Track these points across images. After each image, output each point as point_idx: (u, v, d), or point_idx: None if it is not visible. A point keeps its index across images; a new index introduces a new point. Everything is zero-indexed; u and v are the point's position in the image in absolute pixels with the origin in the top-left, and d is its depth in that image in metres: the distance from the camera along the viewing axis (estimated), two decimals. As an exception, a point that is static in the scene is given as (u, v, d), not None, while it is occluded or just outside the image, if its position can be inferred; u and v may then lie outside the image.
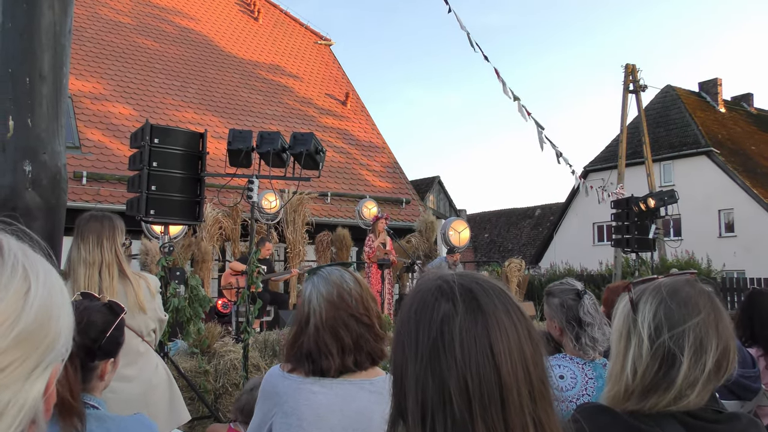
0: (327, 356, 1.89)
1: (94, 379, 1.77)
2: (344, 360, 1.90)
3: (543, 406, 0.92)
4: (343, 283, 1.97)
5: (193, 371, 5.96)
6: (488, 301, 0.94)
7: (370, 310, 1.97)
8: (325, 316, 1.91)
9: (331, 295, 1.94)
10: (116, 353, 1.83)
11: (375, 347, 1.96)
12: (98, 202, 12.02)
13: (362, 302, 1.96)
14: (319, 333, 1.90)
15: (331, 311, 1.92)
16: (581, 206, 27.78)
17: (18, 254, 0.66)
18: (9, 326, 0.62)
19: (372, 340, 1.95)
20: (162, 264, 5.58)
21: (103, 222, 2.83)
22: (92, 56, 15.32)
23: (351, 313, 1.93)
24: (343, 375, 1.92)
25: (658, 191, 11.25)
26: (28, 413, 0.64)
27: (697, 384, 1.28)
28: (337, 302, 1.93)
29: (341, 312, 1.92)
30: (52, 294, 0.68)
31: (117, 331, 1.79)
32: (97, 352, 1.74)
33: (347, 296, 1.95)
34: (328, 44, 22.14)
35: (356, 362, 1.92)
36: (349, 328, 1.91)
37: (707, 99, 28.80)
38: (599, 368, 2.47)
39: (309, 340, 1.92)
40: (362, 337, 1.93)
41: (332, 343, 1.89)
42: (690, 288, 1.36)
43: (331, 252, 13.30)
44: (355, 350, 1.91)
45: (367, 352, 1.94)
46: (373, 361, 1.97)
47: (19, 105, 3.04)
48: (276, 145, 5.70)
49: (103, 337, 1.74)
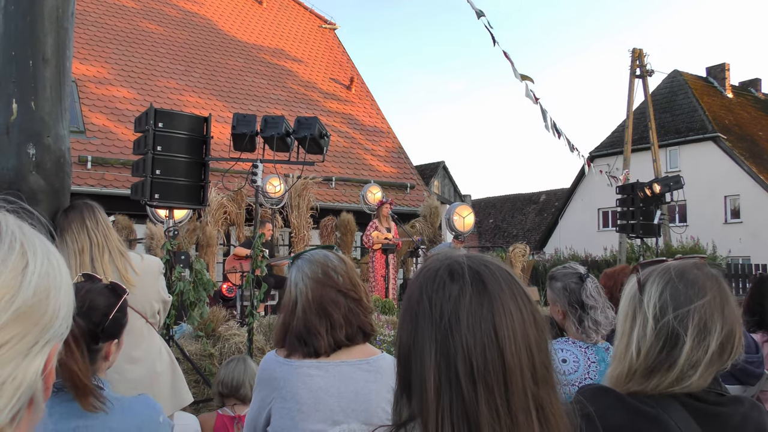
0: (317, 335, 1.91)
1: (98, 360, 1.78)
2: (335, 335, 1.92)
3: (546, 389, 0.93)
4: (327, 262, 1.99)
5: (198, 354, 6.00)
6: (495, 285, 0.95)
7: (356, 285, 1.99)
8: (312, 295, 1.93)
9: (316, 274, 1.96)
10: (120, 334, 1.84)
11: (365, 321, 1.98)
12: (103, 186, 12.04)
13: (349, 278, 1.98)
14: (307, 313, 1.92)
15: (318, 290, 1.94)
16: (586, 192, 27.71)
17: (16, 231, 0.66)
18: (7, 302, 0.62)
19: (361, 314, 1.97)
20: (167, 248, 5.59)
21: (80, 208, 2.77)
22: (96, 40, 15.27)
23: (338, 289, 1.95)
24: (338, 352, 1.93)
25: (664, 177, 11.19)
26: (26, 391, 0.64)
27: (700, 365, 1.28)
28: (324, 280, 1.95)
29: (328, 289, 1.94)
30: (51, 271, 0.68)
31: (119, 312, 1.79)
32: (101, 335, 1.75)
33: (333, 273, 1.96)
34: (333, 28, 22.01)
35: (348, 336, 1.94)
36: (338, 303, 1.93)
37: (714, 84, 28.56)
38: (602, 352, 2.48)
39: (298, 323, 1.93)
40: (351, 311, 1.95)
41: (320, 322, 1.91)
42: (698, 270, 1.36)
43: (335, 237, 13.31)
44: (345, 325, 1.93)
45: (358, 326, 1.96)
46: (365, 335, 1.99)
47: (23, 88, 3.03)
48: (280, 130, 5.69)
49: (106, 320, 1.75)
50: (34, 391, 0.66)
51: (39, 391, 0.67)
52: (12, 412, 0.63)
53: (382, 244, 9.30)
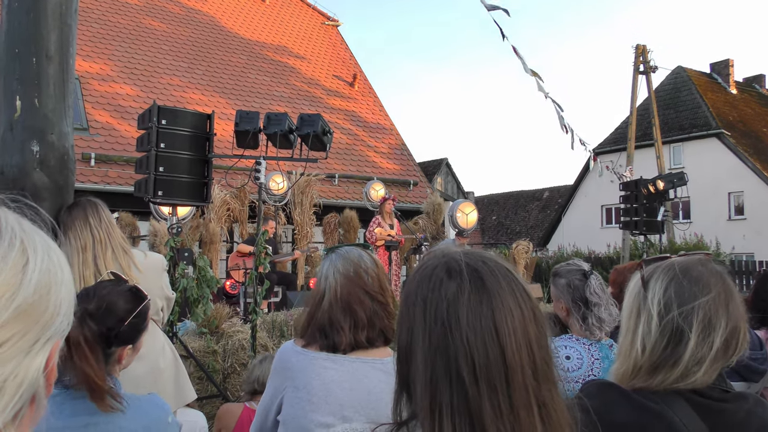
0: (339, 331, 1.92)
1: (111, 363, 1.76)
2: (357, 335, 1.93)
3: (547, 385, 0.93)
4: (360, 262, 2.01)
5: (202, 351, 6.01)
6: (494, 282, 0.94)
7: (385, 289, 2.01)
8: (341, 291, 1.95)
9: (348, 271, 1.98)
10: (136, 340, 1.81)
11: (387, 325, 1.99)
12: (106, 183, 12.06)
13: (378, 281, 2.00)
14: (333, 308, 1.94)
15: (347, 287, 1.95)
16: (590, 188, 27.66)
17: (15, 228, 0.66)
18: (8, 299, 0.61)
19: (385, 317, 1.98)
20: (170, 245, 5.60)
21: (83, 205, 2.78)
22: (99, 37, 15.28)
23: (366, 290, 1.96)
24: (356, 351, 1.94)
25: (668, 173, 11.16)
26: (28, 389, 0.64)
27: (704, 362, 1.28)
28: (354, 278, 1.97)
29: (357, 288, 1.96)
30: (52, 267, 0.67)
31: (137, 318, 1.77)
32: (114, 339, 1.73)
33: (364, 274, 1.98)
34: (336, 25, 21.98)
35: (369, 338, 1.95)
36: (364, 304, 1.95)
37: (718, 80, 28.46)
38: (605, 349, 2.47)
39: (323, 315, 1.95)
40: (376, 314, 1.96)
41: (344, 319, 1.93)
42: (702, 267, 1.35)
43: (338, 233, 13.31)
44: (368, 326, 1.95)
45: (380, 329, 1.97)
46: (386, 340, 2.00)
47: (26, 85, 3.03)
48: (283, 127, 5.69)
49: (121, 325, 1.73)
50: (36, 388, 0.66)
51: (41, 388, 0.67)
52: (14, 410, 0.63)
53: (384, 240, 9.30)
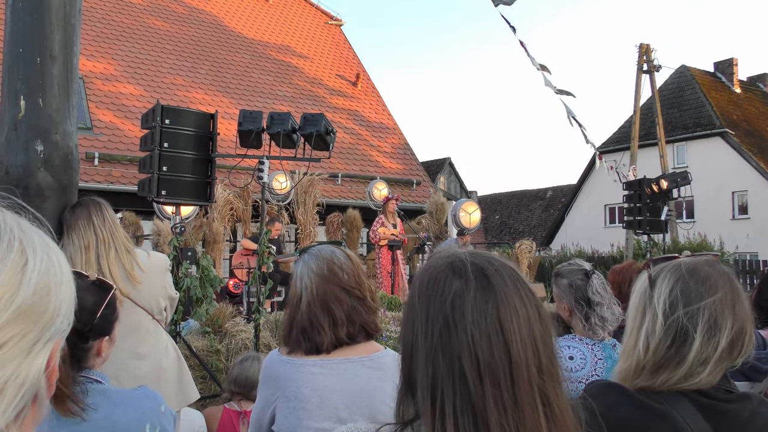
0: (320, 330, 1.89)
1: (90, 358, 1.73)
2: (336, 333, 1.90)
3: (551, 384, 0.93)
4: (333, 258, 1.97)
5: (205, 350, 6.02)
6: (499, 281, 0.95)
7: (362, 284, 1.98)
8: (317, 290, 1.92)
9: (321, 270, 1.95)
10: (110, 331, 1.78)
11: (368, 320, 1.96)
12: (110, 182, 12.09)
13: (354, 276, 1.97)
14: (311, 308, 1.91)
15: (322, 285, 1.93)
16: (593, 188, 27.62)
17: (14, 228, 0.65)
18: (8, 300, 0.61)
19: (364, 312, 1.96)
20: (174, 244, 5.61)
21: (87, 205, 2.78)
22: (103, 37, 15.31)
23: (342, 287, 1.93)
24: (339, 349, 1.92)
25: (671, 173, 11.14)
26: (30, 389, 0.64)
27: (709, 362, 1.27)
28: (329, 276, 1.94)
29: (332, 286, 1.93)
30: (51, 267, 0.67)
31: (108, 309, 1.74)
32: (89, 334, 1.70)
33: (338, 270, 1.95)
34: (339, 24, 21.98)
35: (349, 335, 1.92)
36: (341, 301, 1.92)
37: (722, 79, 28.38)
38: (608, 348, 2.47)
39: (302, 317, 1.92)
40: (354, 309, 1.93)
41: (323, 317, 1.90)
42: (710, 268, 1.35)
43: (341, 233, 13.32)
44: (347, 323, 1.92)
45: (360, 325, 1.95)
46: (368, 335, 1.98)
47: (30, 85, 3.04)
48: (286, 126, 5.69)
49: (94, 318, 1.69)
50: (38, 388, 0.66)
51: (42, 388, 0.66)
52: (16, 410, 0.63)
53: (388, 240, 9.30)
